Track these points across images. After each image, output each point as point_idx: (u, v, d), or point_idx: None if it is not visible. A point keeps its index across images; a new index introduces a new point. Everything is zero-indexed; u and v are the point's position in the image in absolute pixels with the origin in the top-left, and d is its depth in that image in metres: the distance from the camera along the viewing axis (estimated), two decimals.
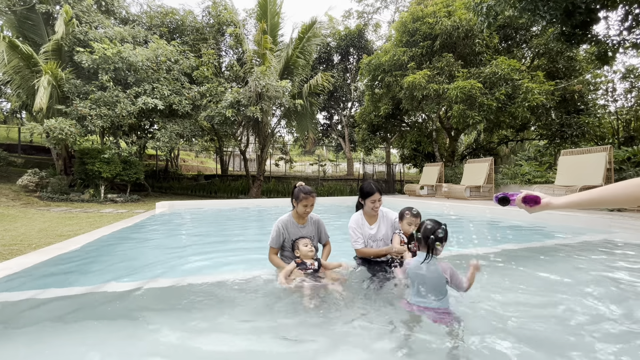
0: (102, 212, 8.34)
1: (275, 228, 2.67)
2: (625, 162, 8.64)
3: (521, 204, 1.43)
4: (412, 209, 2.62)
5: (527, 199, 1.38)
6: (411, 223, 2.57)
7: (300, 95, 14.39)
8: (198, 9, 15.96)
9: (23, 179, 10.71)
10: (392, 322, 1.89)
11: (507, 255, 3.52)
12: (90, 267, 3.31)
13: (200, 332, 1.83)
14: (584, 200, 1.23)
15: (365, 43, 19.93)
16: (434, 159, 16.26)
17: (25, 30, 12.08)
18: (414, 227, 2.57)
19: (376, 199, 2.68)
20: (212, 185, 16.29)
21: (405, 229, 2.60)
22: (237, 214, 8.54)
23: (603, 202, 1.20)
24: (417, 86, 12.30)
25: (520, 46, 15.08)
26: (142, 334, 1.84)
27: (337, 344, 1.70)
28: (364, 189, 2.73)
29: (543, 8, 7.15)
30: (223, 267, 3.58)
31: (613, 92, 14.59)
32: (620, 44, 8.16)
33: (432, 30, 13.11)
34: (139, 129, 13.93)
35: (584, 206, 1.25)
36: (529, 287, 2.60)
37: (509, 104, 11.57)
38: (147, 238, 5.14)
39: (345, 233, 2.92)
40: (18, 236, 4.85)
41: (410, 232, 2.59)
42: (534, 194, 1.39)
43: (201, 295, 2.31)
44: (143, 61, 10.91)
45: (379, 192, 2.69)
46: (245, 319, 1.99)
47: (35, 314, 2.04)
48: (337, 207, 10.41)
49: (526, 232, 5.57)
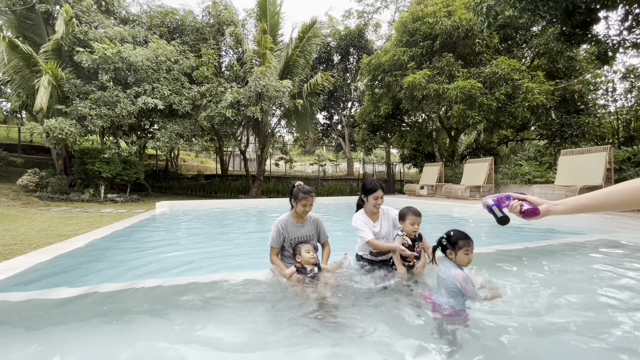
0: (102, 212, 8.34)
1: (275, 228, 2.67)
2: (625, 162, 8.64)
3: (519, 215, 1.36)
4: (413, 208, 2.60)
5: (526, 212, 1.31)
6: (414, 222, 2.53)
7: (300, 95, 14.39)
8: (198, 8, 15.97)
9: (23, 179, 10.71)
10: (393, 323, 1.89)
11: (507, 255, 3.51)
12: (90, 267, 3.31)
13: (200, 332, 1.83)
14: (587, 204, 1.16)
15: (365, 43, 19.93)
16: (434, 159, 16.26)
17: (25, 30, 12.08)
18: (417, 226, 2.53)
19: (379, 195, 2.66)
20: (212, 185, 16.29)
21: (409, 229, 2.55)
22: (237, 214, 8.54)
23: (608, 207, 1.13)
24: (417, 86, 12.30)
25: (520, 46, 15.08)
26: (143, 334, 1.84)
27: (337, 344, 1.70)
28: (367, 185, 2.71)
29: (543, 8, 7.14)
30: (223, 267, 3.58)
31: (613, 92, 14.59)
32: (621, 44, 8.16)
33: (432, 30, 13.11)
34: (139, 129, 13.93)
35: (586, 211, 1.18)
36: (530, 286, 2.60)
37: (509, 103, 11.57)
38: (147, 238, 5.13)
39: (345, 232, 2.91)
40: (18, 236, 4.85)
41: (414, 231, 2.54)
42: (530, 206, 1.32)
43: (201, 295, 2.31)
44: (143, 61, 10.91)
45: (382, 189, 2.67)
46: (245, 319, 1.99)
47: (35, 314, 2.04)
48: (337, 207, 10.41)
49: (526, 232, 5.57)
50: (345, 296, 2.27)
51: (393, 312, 2.01)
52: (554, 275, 2.90)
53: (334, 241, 3.02)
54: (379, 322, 1.90)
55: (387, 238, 2.76)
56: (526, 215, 1.31)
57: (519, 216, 1.35)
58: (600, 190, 1.15)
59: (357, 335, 1.76)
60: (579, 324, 1.91)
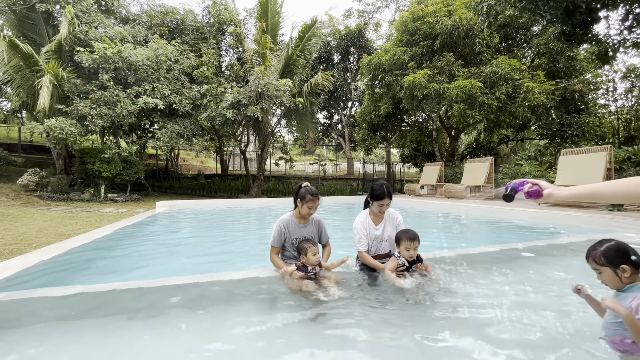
0: (103, 211, 8.35)
1: (277, 227, 2.66)
2: (626, 162, 8.63)
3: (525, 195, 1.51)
4: (409, 232, 2.49)
5: (530, 193, 1.45)
6: (409, 247, 2.44)
7: (300, 95, 14.38)
8: (198, 8, 15.99)
9: (23, 179, 10.71)
10: (392, 324, 1.89)
11: (508, 254, 3.51)
12: (90, 267, 3.31)
13: (200, 332, 1.83)
14: (585, 193, 1.30)
15: (365, 42, 19.91)
16: (434, 159, 16.25)
17: (25, 29, 12.08)
18: (412, 251, 2.44)
19: (385, 203, 2.63)
20: (212, 184, 16.30)
21: (404, 254, 2.47)
22: (237, 214, 8.54)
23: (603, 197, 1.27)
24: (417, 86, 12.29)
25: (520, 46, 15.06)
26: (143, 334, 1.85)
27: (336, 345, 1.70)
28: (375, 192, 2.65)
29: (543, 7, 7.14)
30: (223, 267, 3.58)
31: (614, 92, 14.57)
32: (621, 44, 8.15)
33: (432, 29, 13.10)
34: (139, 129, 13.92)
35: (584, 199, 1.32)
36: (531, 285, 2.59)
37: (509, 103, 11.56)
38: (147, 237, 5.14)
39: (345, 231, 2.91)
40: (18, 235, 4.85)
41: (410, 257, 2.45)
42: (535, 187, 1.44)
43: (201, 294, 2.31)
44: (143, 61, 10.91)
45: (389, 197, 2.62)
46: (245, 319, 1.99)
47: (35, 314, 2.04)
48: (337, 207, 10.42)
49: (526, 231, 5.58)
50: (345, 296, 2.27)
51: (392, 313, 2.01)
52: (557, 274, 2.90)
53: (334, 241, 3.03)
54: (378, 323, 1.90)
55: (390, 242, 2.76)
56: (530, 196, 1.45)
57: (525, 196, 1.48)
58: (600, 183, 1.29)
59: (354, 336, 1.76)
60: (577, 324, 1.91)
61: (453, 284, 2.48)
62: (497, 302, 2.18)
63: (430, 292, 2.29)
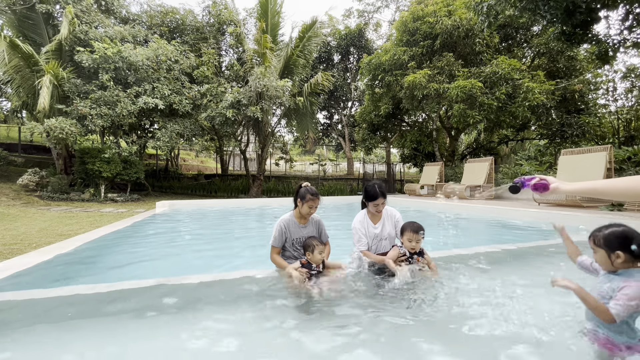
0: (103, 211, 8.35)
1: (278, 227, 2.67)
2: (626, 162, 8.63)
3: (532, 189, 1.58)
4: (414, 225, 2.50)
5: (537, 186, 1.53)
6: (412, 239, 2.46)
7: (300, 95, 14.38)
8: (198, 8, 15.95)
9: (23, 179, 10.71)
10: (392, 325, 1.89)
11: (508, 255, 3.51)
12: (90, 266, 3.31)
13: (200, 332, 1.83)
14: (589, 189, 1.39)
15: (365, 42, 19.91)
16: (434, 159, 16.25)
17: (25, 29, 12.08)
18: (414, 243, 2.45)
19: (379, 203, 2.64)
20: (212, 184, 16.30)
21: (407, 245, 2.49)
22: (237, 214, 8.54)
23: (609, 194, 1.33)
24: (417, 85, 12.29)
25: (520, 46, 15.07)
26: (143, 334, 1.85)
27: (336, 345, 1.70)
28: (369, 193, 2.67)
29: (543, 7, 7.14)
30: (223, 266, 3.58)
31: (614, 92, 14.58)
32: (621, 44, 8.15)
33: (432, 29, 13.10)
34: (139, 129, 13.92)
35: (588, 194, 1.42)
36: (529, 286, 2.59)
37: (510, 103, 11.56)
38: (147, 237, 5.14)
39: (344, 231, 2.92)
40: (18, 235, 4.85)
41: (412, 248, 2.47)
42: (542, 181, 1.53)
43: (201, 294, 2.31)
44: (143, 61, 10.91)
45: (383, 196, 2.63)
46: (244, 319, 1.99)
47: (35, 314, 2.04)
48: (337, 207, 10.42)
49: (526, 231, 5.58)
50: (345, 296, 2.27)
51: (392, 313, 2.01)
52: (558, 274, 2.90)
53: (334, 241, 3.03)
54: (378, 323, 1.90)
55: (390, 240, 2.76)
56: (537, 189, 1.53)
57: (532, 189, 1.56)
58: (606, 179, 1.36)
59: (354, 335, 1.76)
60: (573, 325, 1.91)
61: (453, 284, 2.48)
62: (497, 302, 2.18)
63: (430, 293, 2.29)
